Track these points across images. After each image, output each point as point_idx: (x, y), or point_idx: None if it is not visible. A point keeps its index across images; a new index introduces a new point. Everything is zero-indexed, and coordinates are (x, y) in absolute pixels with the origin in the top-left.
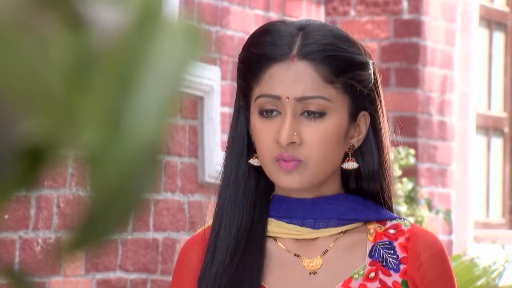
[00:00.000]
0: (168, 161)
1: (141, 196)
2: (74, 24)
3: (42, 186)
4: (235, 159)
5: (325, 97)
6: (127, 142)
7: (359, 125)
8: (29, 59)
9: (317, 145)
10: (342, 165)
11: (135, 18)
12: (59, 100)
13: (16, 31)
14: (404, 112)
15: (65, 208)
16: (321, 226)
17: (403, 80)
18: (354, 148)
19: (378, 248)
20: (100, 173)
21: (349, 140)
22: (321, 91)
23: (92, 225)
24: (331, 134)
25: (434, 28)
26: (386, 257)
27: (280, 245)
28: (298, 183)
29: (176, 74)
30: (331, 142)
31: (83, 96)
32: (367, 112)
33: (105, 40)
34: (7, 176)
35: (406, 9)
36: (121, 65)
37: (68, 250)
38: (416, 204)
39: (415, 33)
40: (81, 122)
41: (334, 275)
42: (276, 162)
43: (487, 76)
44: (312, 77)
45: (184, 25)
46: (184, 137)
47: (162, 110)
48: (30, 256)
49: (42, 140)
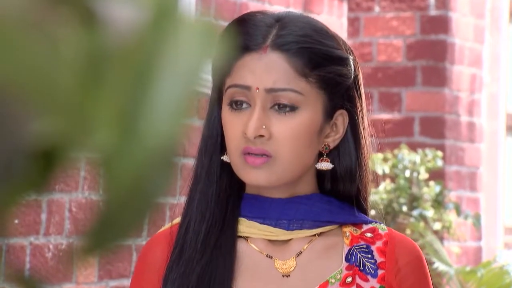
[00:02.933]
0: (184, 164)
1: (156, 200)
2: (88, 21)
3: (53, 189)
4: (207, 155)
5: (296, 90)
6: (142, 144)
7: (336, 124)
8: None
9: (287, 140)
10: (316, 165)
11: (150, 16)
12: (71, 100)
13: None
14: (431, 113)
15: (77, 213)
16: (295, 227)
17: (430, 79)
18: (329, 147)
19: (354, 251)
20: (114, 176)
21: (324, 139)
22: (292, 83)
23: (105, 230)
24: (302, 130)
25: (462, 25)
26: (363, 261)
27: (251, 246)
28: (265, 180)
29: (193, 73)
30: (302, 138)
31: (96, 96)
32: (345, 110)
33: (119, 38)
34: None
35: (433, 4)
36: (136, 63)
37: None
38: (443, 208)
39: (442, 29)
40: (94, 122)
41: (309, 278)
42: (243, 156)
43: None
44: (283, 68)
45: (201, 22)
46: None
47: (178, 111)
48: (41, 262)
49: (54, 142)
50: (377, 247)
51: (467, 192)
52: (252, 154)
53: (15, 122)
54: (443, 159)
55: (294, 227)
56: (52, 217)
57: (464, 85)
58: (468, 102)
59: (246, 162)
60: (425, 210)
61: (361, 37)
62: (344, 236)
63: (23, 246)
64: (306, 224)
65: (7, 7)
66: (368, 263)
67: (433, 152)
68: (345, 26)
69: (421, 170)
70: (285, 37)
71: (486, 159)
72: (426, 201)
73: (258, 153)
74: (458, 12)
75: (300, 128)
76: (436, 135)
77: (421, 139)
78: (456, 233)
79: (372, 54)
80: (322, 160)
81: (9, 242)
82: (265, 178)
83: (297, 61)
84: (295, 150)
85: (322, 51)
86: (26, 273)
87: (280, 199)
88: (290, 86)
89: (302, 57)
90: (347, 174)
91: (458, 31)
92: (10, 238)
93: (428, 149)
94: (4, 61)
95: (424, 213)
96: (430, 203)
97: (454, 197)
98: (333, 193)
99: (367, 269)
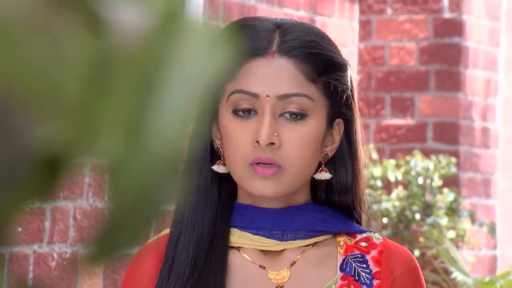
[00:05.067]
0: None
1: (162, 207)
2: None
3: (57, 197)
4: (197, 166)
5: (308, 96)
6: (148, 150)
7: (333, 133)
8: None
9: (297, 149)
10: (315, 175)
11: (158, 19)
12: (76, 105)
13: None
14: (445, 118)
15: (82, 221)
16: (289, 238)
17: (443, 83)
18: (328, 157)
19: (349, 261)
20: (120, 183)
21: (323, 148)
22: (304, 89)
23: (110, 238)
24: (311, 139)
25: (477, 27)
26: (358, 271)
27: (244, 256)
28: (272, 191)
29: (201, 78)
30: (310, 147)
31: (102, 101)
32: (341, 119)
33: (125, 42)
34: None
35: (447, 7)
36: (143, 68)
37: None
38: (457, 216)
39: (456, 32)
40: (100, 128)
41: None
42: (251, 167)
43: None
44: (294, 74)
45: (209, 26)
46: None
47: (186, 117)
48: (45, 271)
49: (58, 148)
50: (372, 256)
51: (482, 200)
52: (261, 163)
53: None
54: (457, 165)
55: (288, 237)
56: (56, 225)
57: (478, 90)
58: (483, 107)
59: (255, 172)
60: (438, 218)
61: (373, 40)
62: (338, 245)
63: (26, 255)
64: (300, 234)
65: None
66: (363, 273)
67: (447, 158)
68: (356, 29)
69: (434, 177)
70: (291, 43)
71: (502, 165)
72: (439, 209)
73: (268, 162)
74: (472, 15)
75: (309, 137)
76: (450, 141)
77: (435, 145)
78: (471, 242)
79: (384, 57)
80: (321, 170)
81: (12, 251)
82: (273, 189)
83: (305, 66)
84: (303, 159)
85: (327, 57)
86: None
87: (273, 209)
88: (302, 91)
89: (310, 63)
90: (343, 185)
91: (472, 34)
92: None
93: (441, 155)
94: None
95: (437, 221)
96: (444, 210)
97: (469, 204)
98: (327, 203)
99: (362, 279)
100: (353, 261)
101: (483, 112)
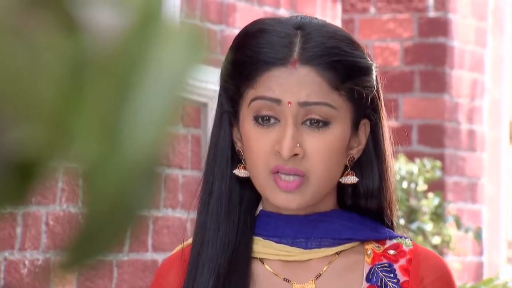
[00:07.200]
0: (169, 174)
1: (139, 213)
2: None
3: (29, 202)
4: (219, 171)
5: (330, 104)
6: (125, 154)
7: (359, 134)
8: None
9: (321, 158)
10: (341, 179)
11: (134, 20)
12: (50, 108)
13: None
14: (430, 120)
15: (55, 226)
16: (314, 246)
17: (428, 84)
18: (354, 159)
19: (376, 271)
20: (95, 188)
21: (349, 151)
22: (326, 97)
23: (84, 245)
24: (335, 146)
25: (463, 27)
26: (385, 281)
27: (267, 268)
28: (297, 204)
29: (178, 79)
30: (335, 154)
31: (77, 104)
32: (367, 120)
33: (101, 43)
34: None
35: (432, 6)
36: (118, 70)
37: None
38: (443, 221)
39: (441, 32)
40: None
41: None
42: (272, 175)
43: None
44: (317, 82)
45: (186, 26)
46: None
47: (163, 119)
48: (16, 279)
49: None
50: (400, 265)
51: (468, 204)
52: (283, 173)
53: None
54: (443, 169)
55: (313, 245)
56: (28, 231)
57: (464, 91)
58: (469, 109)
59: (277, 185)
60: (423, 223)
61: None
62: (366, 254)
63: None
64: (325, 242)
65: None
66: (390, 283)
67: (432, 162)
68: None
69: (419, 181)
70: (313, 50)
71: (488, 169)
72: (424, 214)
73: (291, 172)
74: (458, 14)
75: (333, 144)
76: (435, 144)
77: (419, 148)
78: (457, 248)
79: None
80: (348, 174)
81: None
82: (297, 202)
83: (329, 74)
84: (327, 167)
85: (352, 63)
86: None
87: (297, 216)
88: (324, 100)
89: (333, 70)
90: (370, 188)
91: (458, 34)
92: None
93: (426, 159)
94: None
95: (422, 227)
96: (429, 216)
97: (454, 209)
98: (355, 208)
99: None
100: (380, 270)
101: (469, 114)
